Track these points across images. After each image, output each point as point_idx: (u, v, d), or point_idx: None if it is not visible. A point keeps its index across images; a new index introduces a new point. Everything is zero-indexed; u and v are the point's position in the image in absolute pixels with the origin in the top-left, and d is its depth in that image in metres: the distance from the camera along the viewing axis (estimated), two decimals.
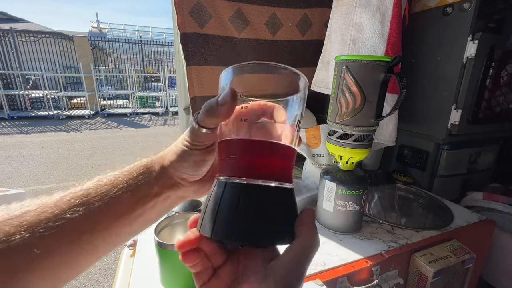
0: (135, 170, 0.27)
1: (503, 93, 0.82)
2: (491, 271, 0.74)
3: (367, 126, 0.55)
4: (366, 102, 0.53)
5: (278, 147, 0.22)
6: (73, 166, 3.53)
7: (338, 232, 0.61)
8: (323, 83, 0.95)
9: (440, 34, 0.80)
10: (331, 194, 0.59)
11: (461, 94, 0.78)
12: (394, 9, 0.73)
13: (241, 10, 0.89)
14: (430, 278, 0.52)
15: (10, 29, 7.19)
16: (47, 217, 0.22)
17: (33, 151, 4.03)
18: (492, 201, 0.81)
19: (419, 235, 0.61)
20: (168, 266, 0.45)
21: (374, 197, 0.87)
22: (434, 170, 0.88)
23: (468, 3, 0.73)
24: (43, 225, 0.22)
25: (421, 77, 0.86)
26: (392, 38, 0.74)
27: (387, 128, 0.81)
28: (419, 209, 0.82)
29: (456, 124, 0.79)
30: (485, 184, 0.96)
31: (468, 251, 0.57)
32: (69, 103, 7.32)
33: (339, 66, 0.55)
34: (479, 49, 0.73)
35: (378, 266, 0.52)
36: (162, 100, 7.83)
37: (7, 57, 7.27)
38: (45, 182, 3.04)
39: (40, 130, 5.33)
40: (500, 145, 0.95)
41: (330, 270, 0.49)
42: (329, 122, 0.60)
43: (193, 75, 0.89)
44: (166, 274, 0.45)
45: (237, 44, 0.92)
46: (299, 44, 1.02)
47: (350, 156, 0.58)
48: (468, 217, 0.69)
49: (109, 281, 1.63)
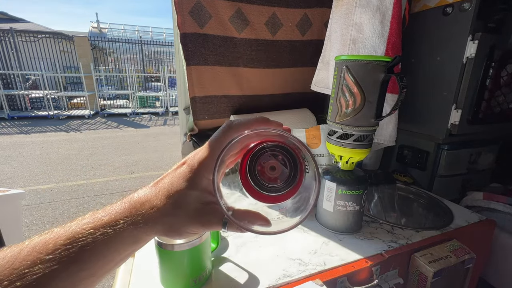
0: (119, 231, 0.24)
1: (503, 93, 0.82)
2: (491, 271, 0.74)
3: (367, 126, 0.55)
4: (366, 102, 0.53)
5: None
6: (73, 166, 3.53)
7: (338, 232, 0.61)
8: (323, 83, 0.95)
9: (440, 34, 0.80)
10: (331, 194, 0.59)
11: (461, 94, 0.78)
12: (394, 9, 0.73)
13: (241, 10, 0.89)
14: (430, 278, 0.52)
15: (10, 29, 7.19)
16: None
17: (33, 151, 4.03)
18: (492, 201, 0.81)
19: (419, 235, 0.61)
20: (168, 266, 0.44)
21: (374, 197, 0.87)
22: (434, 170, 0.88)
23: (468, 3, 0.73)
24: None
25: (421, 77, 0.86)
26: (392, 38, 0.74)
27: (387, 128, 0.81)
28: (419, 209, 0.82)
29: (456, 124, 0.79)
30: (485, 184, 0.96)
31: (468, 251, 0.57)
32: (69, 103, 7.32)
33: (339, 66, 0.55)
34: (479, 49, 0.73)
35: (378, 266, 0.52)
36: (162, 100, 7.83)
37: (7, 57, 7.27)
38: (45, 182, 3.04)
39: (40, 130, 5.33)
40: (500, 145, 0.95)
41: (330, 270, 0.49)
42: (329, 122, 0.60)
43: (193, 75, 0.89)
44: (166, 274, 0.45)
45: (237, 44, 0.92)
46: (299, 44, 1.02)
47: (350, 156, 0.58)
48: (468, 217, 0.69)
49: (109, 281, 1.63)
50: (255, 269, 0.49)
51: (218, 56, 0.91)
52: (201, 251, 0.44)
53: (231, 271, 0.49)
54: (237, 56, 0.93)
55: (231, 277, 0.48)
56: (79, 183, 3.04)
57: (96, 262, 0.24)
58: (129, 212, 0.25)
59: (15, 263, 0.22)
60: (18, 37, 7.44)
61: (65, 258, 0.22)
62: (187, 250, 0.43)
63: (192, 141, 0.96)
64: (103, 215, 0.25)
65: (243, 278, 0.47)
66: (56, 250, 0.23)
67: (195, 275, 0.45)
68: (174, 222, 0.25)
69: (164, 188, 0.26)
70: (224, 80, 0.94)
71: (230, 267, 0.50)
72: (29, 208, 2.50)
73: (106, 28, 9.29)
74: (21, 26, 8.29)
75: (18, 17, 10.09)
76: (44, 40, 7.94)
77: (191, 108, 0.93)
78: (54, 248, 0.23)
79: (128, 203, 0.26)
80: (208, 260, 0.47)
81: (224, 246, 0.56)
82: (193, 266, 0.44)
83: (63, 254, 0.23)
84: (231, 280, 0.47)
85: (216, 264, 0.51)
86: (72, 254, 0.23)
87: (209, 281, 0.47)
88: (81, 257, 0.23)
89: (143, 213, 0.25)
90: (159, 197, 0.26)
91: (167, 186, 0.26)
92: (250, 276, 0.48)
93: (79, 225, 0.24)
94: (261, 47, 0.96)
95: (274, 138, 0.26)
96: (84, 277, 0.23)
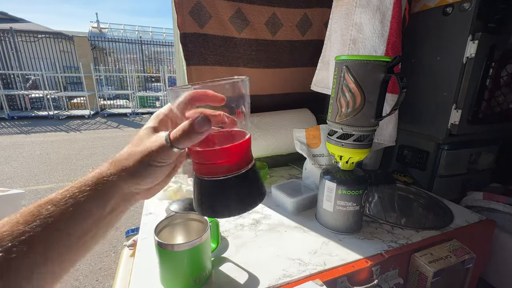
0: (83, 195, 0.25)
1: (503, 93, 0.82)
2: (491, 271, 0.74)
3: (367, 126, 0.55)
4: (366, 102, 0.53)
5: (230, 151, 0.30)
6: (73, 166, 3.53)
7: (338, 232, 0.61)
8: (323, 83, 0.95)
9: (440, 34, 0.80)
10: (331, 194, 0.59)
11: (461, 94, 0.78)
12: (394, 9, 0.73)
13: (241, 10, 0.89)
14: (430, 278, 0.52)
15: (10, 29, 7.19)
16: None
17: (33, 151, 4.03)
18: (492, 201, 0.81)
19: (419, 235, 0.61)
20: (168, 266, 0.45)
21: (374, 197, 0.87)
22: (434, 170, 0.88)
23: (468, 3, 0.73)
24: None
25: (421, 77, 0.86)
26: (392, 38, 0.74)
27: (387, 128, 0.81)
28: (419, 209, 0.82)
29: (456, 124, 0.79)
30: (485, 184, 0.97)
31: (468, 251, 0.57)
32: (69, 103, 7.32)
33: (339, 66, 0.55)
34: (479, 49, 0.73)
35: (378, 266, 0.52)
36: (162, 100, 7.82)
37: (7, 57, 7.27)
38: (45, 182, 3.04)
39: (40, 130, 5.33)
40: (500, 145, 0.95)
41: (330, 270, 0.49)
42: (329, 122, 0.60)
43: (193, 75, 0.89)
44: (166, 274, 0.45)
45: (237, 44, 0.92)
46: (299, 44, 1.02)
47: (350, 156, 0.58)
48: (468, 217, 0.69)
49: (109, 281, 1.63)
50: (255, 269, 0.49)
51: (218, 56, 0.91)
52: (201, 251, 0.44)
53: (231, 271, 0.49)
54: (237, 56, 0.93)
55: (231, 277, 0.48)
56: None
57: (76, 222, 0.24)
58: (97, 171, 0.27)
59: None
60: (18, 37, 7.44)
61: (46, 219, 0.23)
62: (187, 250, 0.43)
63: None
64: (75, 183, 0.26)
65: (243, 278, 0.47)
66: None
67: (195, 275, 0.45)
68: (130, 152, 0.27)
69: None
70: None
71: (230, 267, 0.50)
72: None
73: (106, 28, 9.29)
74: (21, 26, 8.29)
75: (18, 17, 10.10)
76: (44, 40, 7.94)
77: None
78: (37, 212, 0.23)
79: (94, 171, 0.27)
80: (208, 260, 0.47)
81: (224, 246, 0.56)
82: (193, 266, 0.44)
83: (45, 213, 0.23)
84: (231, 280, 0.47)
85: (216, 264, 0.51)
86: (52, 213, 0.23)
87: (209, 281, 0.47)
88: (60, 217, 0.24)
89: (108, 163, 0.28)
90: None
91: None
92: (250, 276, 0.48)
93: (58, 193, 0.25)
94: (261, 47, 0.96)
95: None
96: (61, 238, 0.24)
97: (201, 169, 0.31)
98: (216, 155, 0.30)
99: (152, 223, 0.65)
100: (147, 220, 0.66)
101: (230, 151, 0.30)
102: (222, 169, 0.30)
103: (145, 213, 0.69)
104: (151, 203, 0.73)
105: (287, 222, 0.66)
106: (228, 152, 0.30)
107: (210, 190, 0.31)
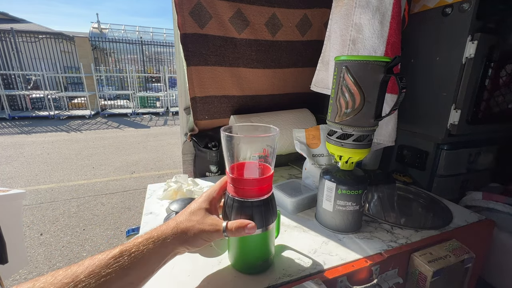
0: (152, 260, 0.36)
1: (502, 94, 0.83)
2: (491, 270, 0.74)
3: (367, 126, 0.55)
4: (366, 102, 0.53)
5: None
6: (74, 166, 3.53)
7: (337, 231, 0.61)
8: (323, 83, 0.95)
9: (440, 35, 0.81)
10: (331, 194, 0.59)
11: (460, 94, 0.78)
12: (394, 10, 0.73)
13: (241, 11, 0.89)
14: (429, 277, 0.52)
15: (11, 29, 7.21)
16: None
17: (33, 151, 4.04)
18: (492, 200, 0.81)
19: (418, 234, 0.61)
20: (241, 246, 0.48)
21: (373, 197, 0.87)
22: (434, 170, 0.88)
23: (468, 4, 0.73)
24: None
25: (421, 77, 0.87)
26: (392, 39, 0.74)
27: (386, 128, 0.81)
28: (418, 209, 0.82)
29: (455, 124, 0.79)
30: (485, 184, 0.97)
31: (468, 250, 0.57)
32: (70, 103, 7.34)
33: (338, 66, 0.56)
34: (478, 50, 0.73)
35: (377, 265, 0.52)
36: (163, 100, 7.84)
37: (8, 58, 7.28)
38: (46, 182, 3.05)
39: (40, 130, 5.34)
40: (499, 145, 0.95)
41: (329, 269, 0.49)
42: (329, 122, 0.60)
43: (194, 75, 0.90)
44: (237, 255, 0.49)
45: (237, 44, 0.92)
46: (299, 44, 1.02)
47: (350, 156, 0.58)
48: (468, 216, 0.69)
49: None
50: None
51: (218, 56, 0.91)
52: (269, 237, 0.47)
53: (231, 271, 0.50)
54: (237, 57, 0.94)
55: (231, 277, 0.48)
56: (80, 183, 3.05)
57: (138, 270, 0.34)
58: (161, 231, 0.38)
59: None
60: (19, 38, 7.45)
61: (117, 267, 0.32)
62: (259, 234, 0.45)
63: (192, 141, 0.96)
64: (138, 238, 0.37)
65: (244, 278, 0.48)
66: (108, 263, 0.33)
67: (264, 257, 0.48)
68: (190, 226, 0.39)
69: (180, 216, 0.42)
70: (224, 81, 0.95)
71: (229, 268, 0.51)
72: (30, 208, 2.50)
73: (107, 29, 9.31)
74: (22, 27, 8.31)
75: (19, 17, 10.13)
76: (45, 41, 7.95)
77: (192, 108, 0.93)
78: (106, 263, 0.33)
79: (157, 229, 0.39)
80: (272, 245, 0.50)
81: (224, 246, 0.56)
82: (262, 249, 0.48)
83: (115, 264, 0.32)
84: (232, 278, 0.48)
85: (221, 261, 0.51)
86: (122, 262, 0.33)
87: (272, 267, 0.50)
88: (130, 265, 0.33)
89: (171, 228, 0.39)
90: (179, 217, 0.41)
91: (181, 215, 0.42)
92: (250, 276, 0.48)
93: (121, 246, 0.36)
94: (261, 48, 0.96)
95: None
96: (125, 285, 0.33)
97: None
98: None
99: (152, 222, 0.65)
100: (147, 220, 0.66)
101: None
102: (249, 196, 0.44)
103: (145, 213, 0.69)
104: (151, 203, 0.74)
105: (287, 222, 0.66)
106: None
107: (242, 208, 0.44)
